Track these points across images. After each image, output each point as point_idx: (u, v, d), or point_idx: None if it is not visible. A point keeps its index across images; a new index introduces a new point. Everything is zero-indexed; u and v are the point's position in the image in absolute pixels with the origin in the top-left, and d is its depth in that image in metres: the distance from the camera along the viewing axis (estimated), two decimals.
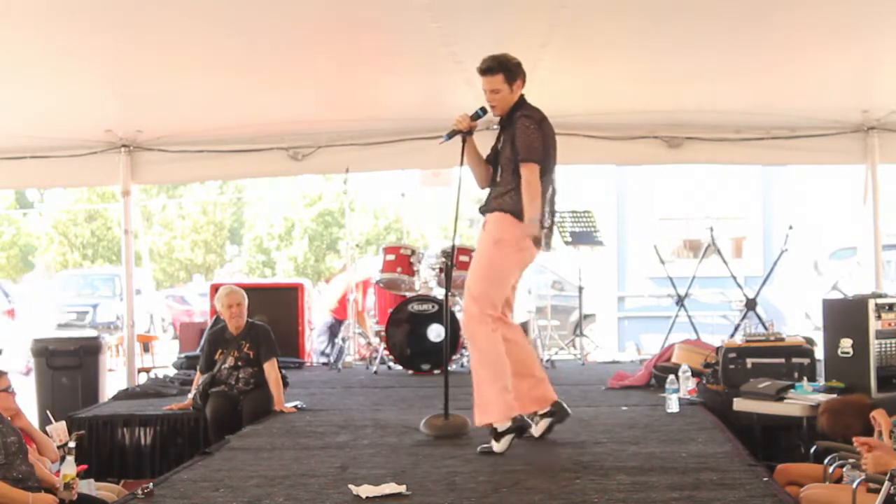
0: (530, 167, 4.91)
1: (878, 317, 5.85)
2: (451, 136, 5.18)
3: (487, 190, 5.20)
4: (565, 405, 5.24)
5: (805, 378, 6.05)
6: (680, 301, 9.86)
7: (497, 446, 4.89)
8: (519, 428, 4.98)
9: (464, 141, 5.15)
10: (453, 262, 5.07)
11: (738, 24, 5.96)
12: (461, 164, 5.19)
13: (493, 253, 5.02)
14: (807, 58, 6.66)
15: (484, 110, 5.16)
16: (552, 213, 5.16)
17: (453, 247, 5.50)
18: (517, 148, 4.93)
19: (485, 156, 5.25)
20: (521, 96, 5.09)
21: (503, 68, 4.99)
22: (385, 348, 8.75)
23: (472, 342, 5.11)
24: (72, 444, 4.57)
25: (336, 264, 27.86)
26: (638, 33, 6.16)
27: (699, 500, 3.82)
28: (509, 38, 5.85)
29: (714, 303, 14.66)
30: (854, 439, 4.17)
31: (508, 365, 5.00)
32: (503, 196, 5.01)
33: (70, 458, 4.39)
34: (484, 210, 5.14)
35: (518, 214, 4.93)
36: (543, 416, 5.18)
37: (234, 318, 6.41)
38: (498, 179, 5.08)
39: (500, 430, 4.92)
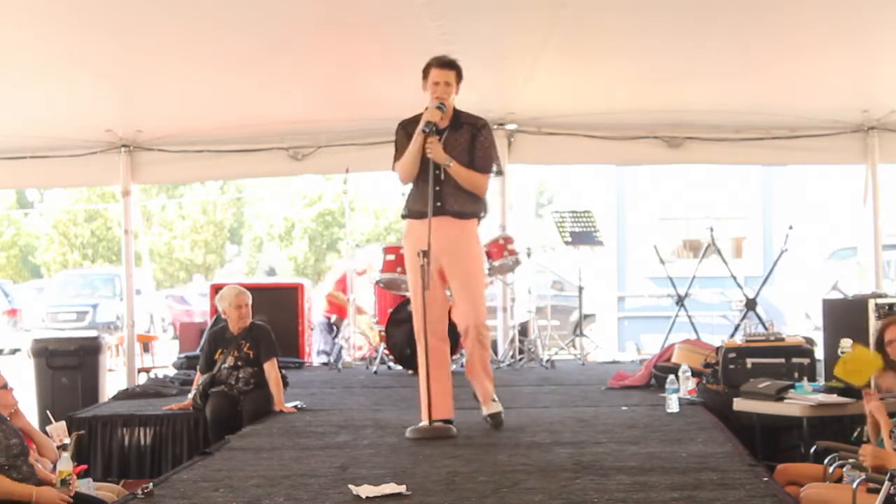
0: (488, 176, 5.44)
1: (878, 317, 5.84)
2: (430, 127, 5.20)
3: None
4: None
5: (805, 378, 6.03)
6: (680, 301, 9.84)
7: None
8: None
9: (429, 134, 5.19)
10: (428, 258, 5.14)
11: (739, 24, 5.96)
12: (433, 162, 5.21)
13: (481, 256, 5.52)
14: (807, 58, 6.67)
15: (443, 105, 5.23)
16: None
17: (429, 245, 5.39)
18: (477, 159, 5.31)
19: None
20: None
21: (456, 68, 5.28)
22: (385, 348, 8.74)
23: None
24: (67, 441, 4.55)
25: (336, 264, 27.86)
26: (638, 33, 6.16)
27: (699, 500, 3.81)
28: (509, 36, 5.87)
29: (714, 303, 14.67)
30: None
31: None
32: (465, 201, 5.33)
33: (66, 455, 4.36)
34: (451, 213, 5.30)
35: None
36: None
37: (243, 319, 6.40)
38: (443, 178, 5.27)
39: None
